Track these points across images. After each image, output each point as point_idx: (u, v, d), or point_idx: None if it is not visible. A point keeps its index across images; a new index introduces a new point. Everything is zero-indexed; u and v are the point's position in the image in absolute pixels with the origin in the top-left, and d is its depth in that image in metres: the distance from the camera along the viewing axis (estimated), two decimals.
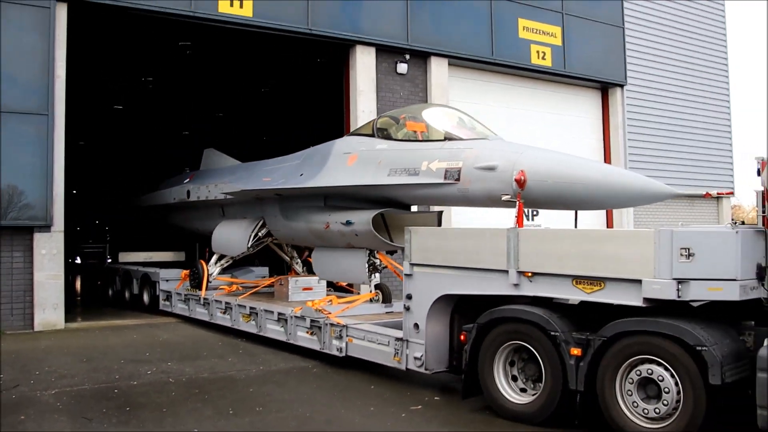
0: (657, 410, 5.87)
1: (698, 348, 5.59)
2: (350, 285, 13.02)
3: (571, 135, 19.11)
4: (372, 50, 15.30)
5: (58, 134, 12.43)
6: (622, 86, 19.79)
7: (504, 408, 6.98)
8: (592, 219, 17.86)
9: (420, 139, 9.30)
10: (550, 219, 15.94)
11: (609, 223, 19.17)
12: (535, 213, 16.59)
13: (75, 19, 12.96)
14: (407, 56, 15.77)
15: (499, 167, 8.00)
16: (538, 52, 17.86)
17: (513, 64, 17.44)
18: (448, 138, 8.93)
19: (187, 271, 13.82)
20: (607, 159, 19.82)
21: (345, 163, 10.07)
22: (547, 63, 18.03)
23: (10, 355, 9.89)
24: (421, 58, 16.06)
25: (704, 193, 11.76)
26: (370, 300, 10.75)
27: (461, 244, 7.61)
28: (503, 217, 8.56)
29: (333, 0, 14.93)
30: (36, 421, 6.77)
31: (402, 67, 15.68)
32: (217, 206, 14.08)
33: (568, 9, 18.58)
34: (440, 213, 10.30)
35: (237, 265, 14.40)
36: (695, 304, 6.27)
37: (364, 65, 15.20)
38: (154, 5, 13.08)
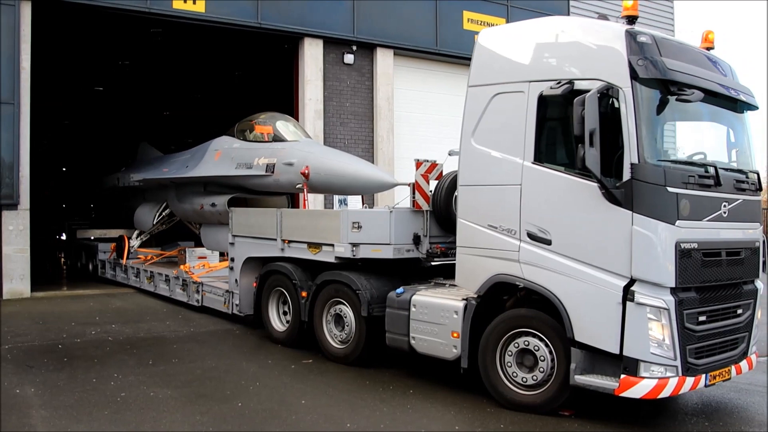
0: (342, 336, 8.47)
1: (357, 291, 8.06)
2: None
3: None
4: (320, 42, 16.45)
5: (24, 121, 13.63)
6: None
7: (272, 336, 9.66)
8: None
9: (266, 140, 11.61)
10: None
11: None
12: None
13: (44, 10, 14.07)
14: (354, 47, 16.87)
15: (295, 163, 10.62)
16: None
17: (457, 54, 18.35)
18: (275, 140, 11.43)
19: (114, 244, 16.46)
20: None
21: (213, 158, 12.77)
22: None
23: None
24: (367, 49, 17.16)
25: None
26: None
27: (257, 220, 10.23)
28: None
29: None
30: None
31: (349, 58, 16.82)
32: (141, 191, 16.80)
33: (513, 1, 19.53)
34: (288, 195, 12.76)
35: (169, 240, 17.12)
36: (434, 263, 8.42)
37: (311, 56, 16.35)
38: (109, 2, 14.16)
